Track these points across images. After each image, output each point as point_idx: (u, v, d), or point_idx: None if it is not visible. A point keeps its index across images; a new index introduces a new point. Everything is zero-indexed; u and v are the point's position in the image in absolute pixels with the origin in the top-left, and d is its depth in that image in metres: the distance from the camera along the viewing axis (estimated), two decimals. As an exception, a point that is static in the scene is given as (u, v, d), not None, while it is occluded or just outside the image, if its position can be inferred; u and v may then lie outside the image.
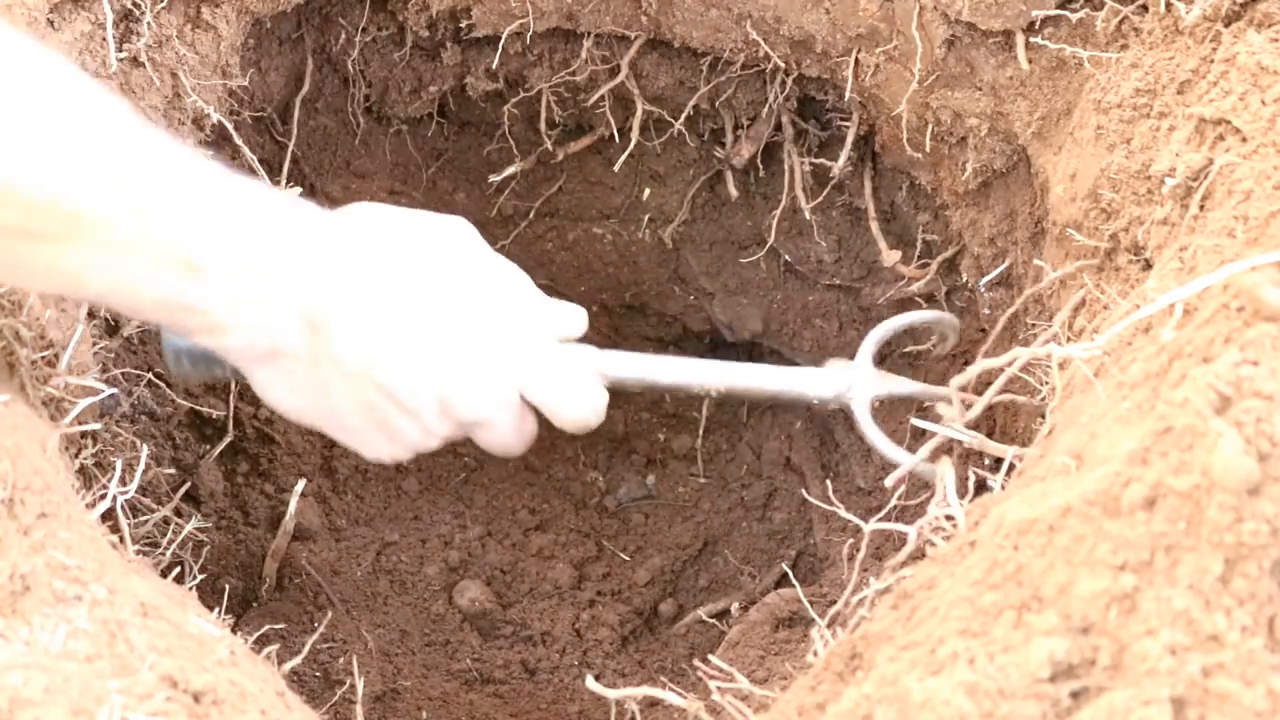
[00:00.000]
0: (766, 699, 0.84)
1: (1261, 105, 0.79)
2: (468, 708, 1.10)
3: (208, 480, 1.19)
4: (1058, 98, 1.02)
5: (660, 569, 1.27)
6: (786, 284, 1.36)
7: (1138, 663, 0.54)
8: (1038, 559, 0.60)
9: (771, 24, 1.14)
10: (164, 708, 0.63)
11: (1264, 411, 0.57)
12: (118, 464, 0.90)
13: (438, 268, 0.93)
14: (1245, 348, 0.60)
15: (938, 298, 1.25)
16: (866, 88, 1.14)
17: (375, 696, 1.03)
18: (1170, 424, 0.60)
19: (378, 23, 1.26)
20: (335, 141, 1.33)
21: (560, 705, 1.13)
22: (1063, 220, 0.97)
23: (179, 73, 1.08)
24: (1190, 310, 0.68)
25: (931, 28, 1.05)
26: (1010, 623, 0.58)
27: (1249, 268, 0.65)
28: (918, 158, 1.16)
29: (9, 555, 0.68)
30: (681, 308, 1.40)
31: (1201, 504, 0.56)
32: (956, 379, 0.90)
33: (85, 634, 0.66)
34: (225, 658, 0.73)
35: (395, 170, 1.36)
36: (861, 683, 0.64)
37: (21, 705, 0.60)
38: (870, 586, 0.83)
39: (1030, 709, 0.55)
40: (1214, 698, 0.52)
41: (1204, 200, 0.79)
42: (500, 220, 1.38)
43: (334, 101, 1.31)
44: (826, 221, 1.32)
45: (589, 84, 1.26)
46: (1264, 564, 0.54)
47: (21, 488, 0.73)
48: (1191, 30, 0.88)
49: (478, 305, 0.94)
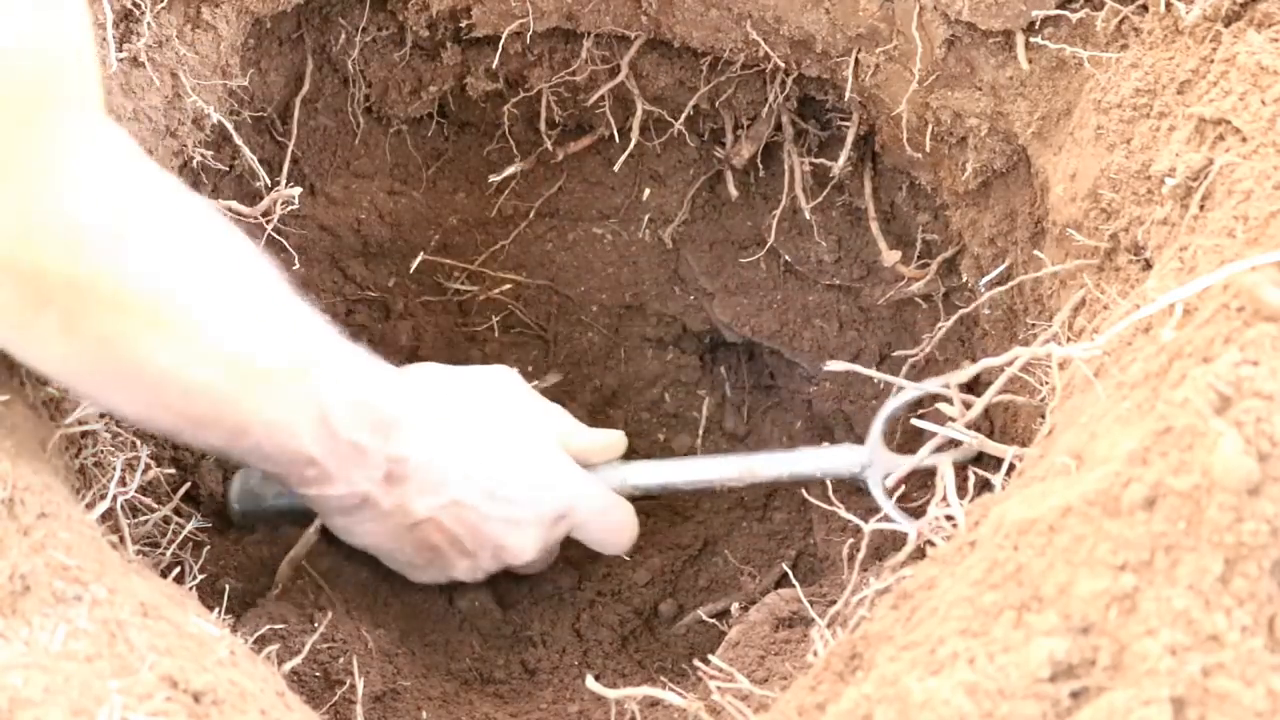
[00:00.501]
0: (766, 699, 0.84)
1: (1261, 105, 0.79)
2: (468, 708, 1.10)
3: (208, 480, 1.18)
4: (1058, 98, 1.02)
5: (660, 569, 1.27)
6: (786, 284, 1.35)
7: (1138, 663, 0.54)
8: (1038, 559, 0.60)
9: (771, 24, 1.14)
10: (164, 708, 0.63)
11: (1264, 411, 0.57)
12: (118, 464, 0.90)
13: (493, 425, 1.05)
14: (1245, 348, 0.60)
15: (935, 298, 1.25)
16: (866, 88, 1.14)
17: (375, 696, 1.03)
18: (1170, 424, 0.60)
19: (378, 23, 1.25)
20: (335, 141, 1.33)
21: (560, 705, 1.13)
22: (1063, 220, 0.97)
23: (179, 73, 1.08)
24: (1190, 310, 0.68)
25: (931, 28, 1.05)
26: (1010, 623, 0.58)
27: (1249, 268, 0.65)
28: (918, 158, 1.16)
29: (9, 555, 0.68)
30: (681, 308, 1.40)
31: (1201, 504, 0.56)
32: (956, 378, 0.90)
33: (85, 634, 0.66)
34: (225, 658, 0.73)
35: (395, 170, 1.36)
36: (861, 683, 0.64)
37: (21, 705, 0.60)
38: (870, 586, 0.83)
39: (1030, 709, 0.55)
40: (1214, 698, 0.52)
41: (1204, 200, 0.79)
42: (500, 220, 1.38)
43: (334, 101, 1.31)
44: (826, 221, 1.32)
45: (589, 84, 1.26)
46: (1264, 564, 0.54)
47: (21, 488, 0.73)
48: (1191, 30, 0.88)
49: (530, 457, 1.06)
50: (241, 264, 0.87)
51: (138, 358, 0.81)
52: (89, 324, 0.77)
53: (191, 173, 1.15)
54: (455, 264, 1.37)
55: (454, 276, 1.37)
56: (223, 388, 0.85)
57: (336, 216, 1.33)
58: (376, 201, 1.34)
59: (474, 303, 1.38)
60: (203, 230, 0.85)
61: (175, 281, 0.81)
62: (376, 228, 1.34)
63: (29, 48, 0.71)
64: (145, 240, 0.79)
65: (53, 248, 0.75)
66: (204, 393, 0.84)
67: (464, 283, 1.37)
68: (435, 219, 1.37)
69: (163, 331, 0.80)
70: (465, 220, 1.38)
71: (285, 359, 0.87)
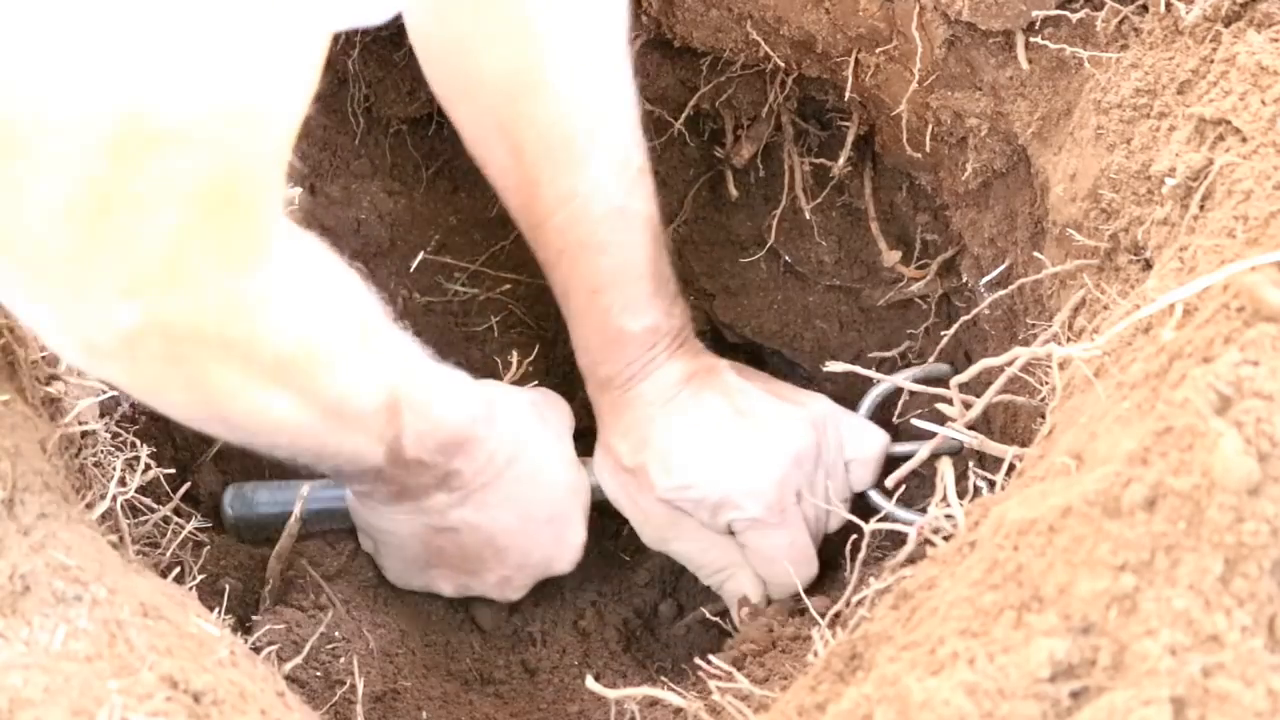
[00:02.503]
0: (766, 699, 0.84)
1: (1261, 105, 0.79)
2: (468, 708, 1.10)
3: (207, 480, 1.18)
4: (1058, 98, 1.02)
5: (660, 569, 1.27)
6: (787, 284, 1.35)
7: (1138, 663, 0.54)
8: (1038, 559, 0.60)
9: (772, 24, 1.14)
10: (164, 708, 0.63)
11: (1264, 411, 0.57)
12: (117, 464, 0.90)
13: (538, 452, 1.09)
14: (1245, 348, 0.60)
15: (932, 298, 1.25)
16: (866, 88, 1.14)
17: (375, 696, 1.03)
18: (1170, 424, 0.60)
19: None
20: (335, 141, 1.33)
21: (560, 705, 1.13)
22: (1063, 220, 0.97)
23: (179, 73, 1.08)
24: (1190, 310, 0.68)
25: (931, 28, 1.05)
26: (1010, 623, 0.58)
27: (1249, 268, 0.65)
28: (918, 158, 1.16)
29: (9, 555, 0.68)
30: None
31: (1201, 504, 0.56)
32: (957, 378, 0.90)
33: (85, 634, 0.66)
34: (225, 658, 0.74)
35: (395, 170, 1.36)
36: (861, 683, 0.64)
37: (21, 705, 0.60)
38: (870, 586, 0.83)
39: (1030, 709, 0.55)
40: (1214, 698, 0.52)
41: (1204, 200, 0.79)
42: (500, 220, 1.37)
43: (333, 102, 1.31)
44: (826, 222, 1.32)
45: (589, 84, 1.26)
46: (1264, 564, 0.54)
47: (21, 488, 0.73)
48: (1191, 30, 0.88)
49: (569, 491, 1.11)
50: (349, 304, 0.90)
51: (255, 409, 0.84)
52: (215, 376, 0.80)
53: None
54: (455, 264, 1.37)
55: (454, 276, 1.37)
56: (318, 427, 0.89)
57: (336, 216, 1.33)
58: (376, 201, 1.34)
59: (474, 303, 1.38)
60: (323, 278, 0.88)
61: (301, 339, 0.84)
62: (376, 228, 1.34)
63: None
64: (280, 299, 0.81)
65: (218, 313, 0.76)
66: (298, 430, 0.89)
67: (464, 283, 1.37)
68: (435, 219, 1.37)
69: (282, 387, 0.84)
70: (465, 220, 1.38)
71: (374, 401, 0.92)
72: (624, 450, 1.10)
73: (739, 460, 1.08)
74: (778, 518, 1.07)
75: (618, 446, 1.11)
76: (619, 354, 1.08)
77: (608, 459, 1.12)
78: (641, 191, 1.06)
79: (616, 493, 1.12)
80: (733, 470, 1.07)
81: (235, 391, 0.81)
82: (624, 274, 1.06)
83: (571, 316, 1.10)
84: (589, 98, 1.03)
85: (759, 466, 1.07)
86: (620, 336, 1.07)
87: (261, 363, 0.81)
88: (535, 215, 1.05)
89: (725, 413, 1.09)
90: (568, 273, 1.07)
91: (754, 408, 1.10)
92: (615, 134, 1.04)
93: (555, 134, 1.02)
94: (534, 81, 1.00)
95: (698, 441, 1.08)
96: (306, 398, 0.86)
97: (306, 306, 0.84)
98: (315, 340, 0.85)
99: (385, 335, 0.94)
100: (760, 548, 1.09)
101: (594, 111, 1.03)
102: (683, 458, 1.08)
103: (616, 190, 1.04)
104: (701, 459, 1.08)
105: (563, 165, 1.02)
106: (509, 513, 1.07)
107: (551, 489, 1.10)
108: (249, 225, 0.72)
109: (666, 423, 1.09)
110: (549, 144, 1.02)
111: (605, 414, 1.12)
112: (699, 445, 1.08)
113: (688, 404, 1.09)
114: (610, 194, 1.04)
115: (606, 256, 1.05)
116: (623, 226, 1.05)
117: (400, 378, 0.94)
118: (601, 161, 1.03)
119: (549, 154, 1.02)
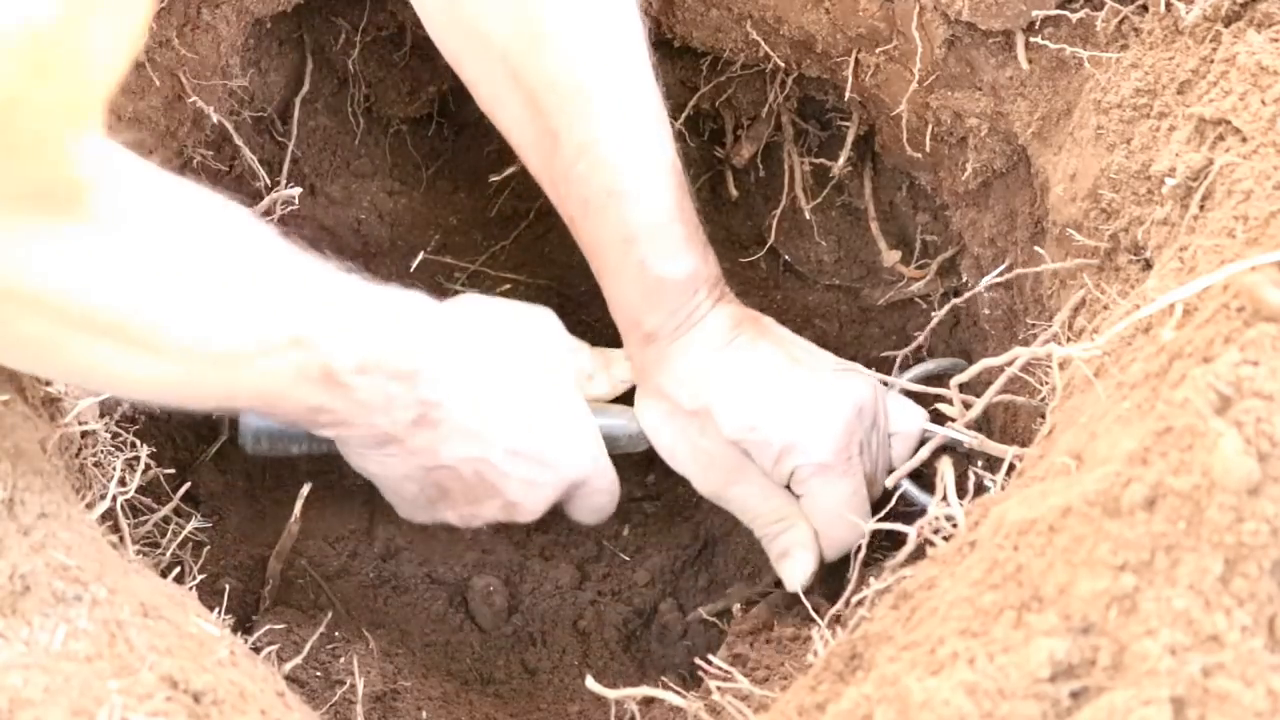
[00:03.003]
0: (766, 699, 0.84)
1: (1261, 105, 0.79)
2: (468, 708, 1.10)
3: (208, 480, 1.18)
4: (1058, 98, 1.02)
5: (660, 569, 1.27)
6: (786, 284, 1.36)
7: (1138, 663, 0.54)
8: (1038, 559, 0.60)
9: (772, 24, 1.14)
10: (164, 708, 0.63)
11: (1264, 411, 0.57)
12: (117, 464, 0.90)
13: (523, 380, 1.05)
14: (1245, 348, 0.60)
15: (933, 298, 1.25)
16: (866, 88, 1.14)
17: (375, 696, 1.03)
18: (1170, 424, 0.60)
19: (377, 23, 1.26)
20: (335, 141, 1.33)
21: (560, 705, 1.13)
22: (1063, 220, 0.97)
23: (179, 73, 1.08)
24: (1190, 310, 0.68)
25: (931, 28, 1.05)
26: (1010, 623, 0.58)
27: (1249, 268, 0.65)
28: (918, 158, 1.16)
29: (9, 555, 0.68)
30: (681, 308, 1.40)
31: (1201, 504, 0.56)
32: (957, 377, 0.90)
33: (85, 634, 0.66)
34: (225, 658, 0.74)
35: (395, 170, 1.36)
36: (861, 683, 0.64)
37: (21, 705, 0.60)
38: (870, 586, 0.83)
39: (1030, 709, 0.55)
40: (1214, 698, 0.52)
41: (1204, 200, 0.79)
42: (500, 220, 1.38)
43: (333, 102, 1.31)
44: (826, 221, 1.32)
45: (589, 84, 1.26)
46: (1264, 564, 0.54)
47: (21, 488, 0.73)
48: (1191, 30, 0.88)
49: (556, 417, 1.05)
50: (225, 245, 0.86)
51: (114, 373, 0.82)
52: (25, 330, 0.77)
53: (192, 173, 1.15)
54: (455, 264, 1.37)
55: (454, 277, 1.37)
56: (195, 377, 0.86)
57: (336, 216, 1.33)
58: (376, 201, 1.34)
59: (474, 303, 1.38)
60: (187, 219, 0.84)
61: (140, 295, 0.80)
62: (376, 228, 1.34)
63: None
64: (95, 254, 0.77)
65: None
66: (178, 386, 0.86)
67: (464, 283, 1.37)
68: (435, 219, 1.37)
69: (114, 340, 0.80)
70: (465, 220, 1.38)
71: (268, 338, 0.87)
72: (684, 395, 1.06)
73: (806, 405, 1.05)
74: (844, 465, 1.05)
75: (676, 392, 1.07)
76: (662, 303, 1.05)
77: (662, 404, 1.08)
78: (662, 138, 1.03)
79: (673, 439, 1.08)
80: (800, 414, 1.05)
81: (56, 346, 0.78)
82: (655, 220, 1.03)
83: (607, 273, 1.06)
84: (595, 46, 1.01)
85: (827, 412, 1.05)
86: (661, 285, 1.04)
87: (74, 318, 0.77)
88: (558, 167, 1.02)
89: (784, 360, 1.07)
90: (597, 224, 1.03)
91: (810, 359, 1.09)
92: (628, 81, 1.02)
93: (566, 82, 1.00)
94: (536, 33, 0.99)
95: (764, 383, 1.06)
96: (150, 349, 0.82)
97: (131, 261, 0.79)
98: (144, 293, 0.80)
99: (286, 271, 0.90)
100: (822, 496, 1.06)
101: (602, 59, 1.01)
102: (750, 398, 1.05)
103: (637, 136, 1.02)
104: (769, 401, 1.05)
105: (578, 113, 1.00)
106: (500, 436, 1.02)
107: (543, 404, 1.05)
108: (43, 176, 0.68)
109: (729, 365, 1.05)
110: (561, 93, 1.00)
111: (652, 366, 1.08)
112: (765, 387, 1.05)
113: (746, 348, 1.06)
114: (631, 140, 1.02)
115: (635, 203, 1.02)
116: (648, 172, 1.02)
117: (312, 309, 0.90)
118: (618, 108, 1.01)
119: (562, 104, 1.00)
